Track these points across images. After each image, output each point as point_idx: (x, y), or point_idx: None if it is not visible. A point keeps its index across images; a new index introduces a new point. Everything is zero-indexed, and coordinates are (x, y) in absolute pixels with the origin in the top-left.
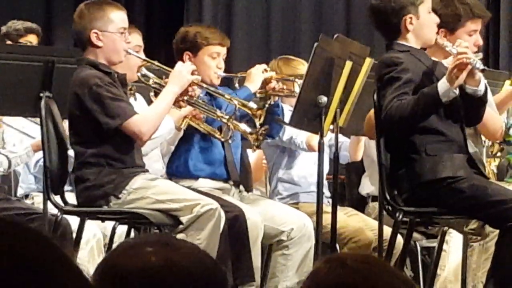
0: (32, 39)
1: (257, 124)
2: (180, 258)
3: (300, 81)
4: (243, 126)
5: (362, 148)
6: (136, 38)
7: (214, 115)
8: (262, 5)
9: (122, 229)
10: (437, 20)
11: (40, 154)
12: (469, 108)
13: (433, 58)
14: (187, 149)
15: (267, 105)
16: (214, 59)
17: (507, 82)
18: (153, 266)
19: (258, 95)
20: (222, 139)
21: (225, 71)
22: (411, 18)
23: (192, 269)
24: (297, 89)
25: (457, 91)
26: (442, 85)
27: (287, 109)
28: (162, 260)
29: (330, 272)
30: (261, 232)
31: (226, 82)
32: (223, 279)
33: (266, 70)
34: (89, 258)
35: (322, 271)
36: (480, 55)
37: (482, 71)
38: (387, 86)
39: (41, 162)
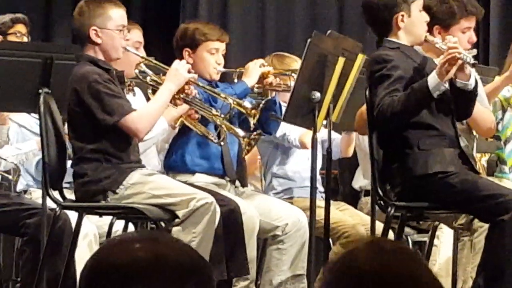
0: (20, 29)
1: (252, 123)
2: (167, 252)
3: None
4: (237, 129)
5: (353, 144)
6: (137, 34)
7: (209, 113)
8: (257, 2)
9: (119, 224)
10: (427, 18)
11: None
12: (459, 102)
13: (424, 54)
14: (184, 143)
15: (261, 105)
16: (213, 55)
17: (497, 78)
18: (141, 260)
19: (255, 90)
20: (215, 141)
21: None
22: (403, 15)
23: (179, 262)
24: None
25: (447, 85)
26: (432, 79)
27: (284, 105)
28: (150, 254)
29: (370, 257)
30: (257, 225)
31: (225, 78)
32: (208, 271)
33: (263, 65)
34: (87, 253)
35: (361, 255)
36: (474, 51)
37: (473, 65)
38: (378, 83)
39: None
